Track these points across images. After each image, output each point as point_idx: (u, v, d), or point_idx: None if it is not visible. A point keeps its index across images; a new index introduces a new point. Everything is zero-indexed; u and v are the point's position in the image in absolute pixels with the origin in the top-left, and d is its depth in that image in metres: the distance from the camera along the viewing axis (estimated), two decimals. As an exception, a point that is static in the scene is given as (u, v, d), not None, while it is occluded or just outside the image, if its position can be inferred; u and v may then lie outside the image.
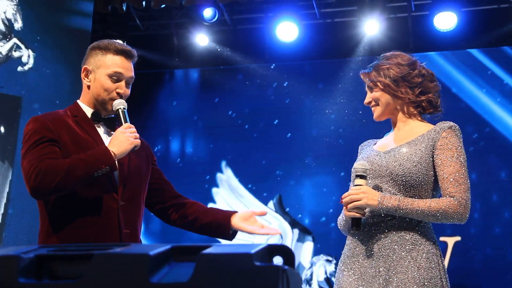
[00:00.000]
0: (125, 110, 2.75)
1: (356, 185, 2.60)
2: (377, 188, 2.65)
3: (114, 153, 2.60)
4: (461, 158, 2.63)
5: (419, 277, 2.52)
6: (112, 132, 2.82)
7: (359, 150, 2.96)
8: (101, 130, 2.83)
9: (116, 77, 2.79)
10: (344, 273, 2.67)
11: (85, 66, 2.85)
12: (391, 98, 2.77)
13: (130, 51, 2.89)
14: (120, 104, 2.76)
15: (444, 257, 4.11)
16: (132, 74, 2.86)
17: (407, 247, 2.58)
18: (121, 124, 2.72)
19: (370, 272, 2.59)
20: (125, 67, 2.83)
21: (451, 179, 2.59)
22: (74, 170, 2.56)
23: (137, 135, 2.69)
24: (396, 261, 2.57)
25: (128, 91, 2.85)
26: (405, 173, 2.61)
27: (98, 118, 2.83)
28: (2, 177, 5.77)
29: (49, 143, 2.65)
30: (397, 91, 2.75)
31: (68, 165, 2.56)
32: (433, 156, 2.64)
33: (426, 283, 2.52)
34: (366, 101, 2.84)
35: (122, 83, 2.80)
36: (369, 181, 2.67)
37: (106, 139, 2.79)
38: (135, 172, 2.82)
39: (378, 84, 2.77)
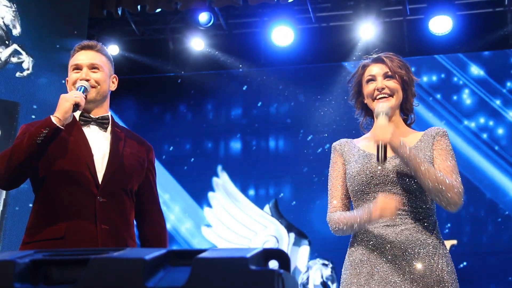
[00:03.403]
0: (82, 88, 2.80)
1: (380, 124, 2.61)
2: (391, 193, 2.61)
3: (56, 117, 2.64)
4: (454, 160, 2.68)
5: (443, 280, 2.54)
6: (103, 131, 2.91)
7: (337, 149, 2.85)
8: (91, 130, 2.90)
9: (76, 68, 2.93)
10: (359, 277, 2.63)
11: (67, 78, 3.00)
12: (402, 95, 2.77)
13: (87, 43, 3.00)
14: (80, 83, 2.84)
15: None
16: (93, 61, 2.94)
17: (430, 251, 2.59)
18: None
19: (393, 276, 2.57)
20: (83, 57, 2.94)
21: (449, 170, 2.61)
22: (20, 144, 2.66)
23: (80, 96, 2.72)
24: (421, 265, 2.57)
25: (97, 75, 2.92)
26: None
27: (89, 118, 2.90)
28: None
29: None
30: (409, 90, 2.79)
31: (14, 144, 2.69)
32: (432, 158, 2.67)
33: (449, 286, 2.55)
34: (379, 85, 2.73)
35: (84, 69, 2.91)
36: (376, 187, 2.65)
37: (95, 138, 2.87)
38: (123, 170, 2.86)
39: (403, 76, 2.76)
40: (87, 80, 2.87)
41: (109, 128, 2.93)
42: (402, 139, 2.56)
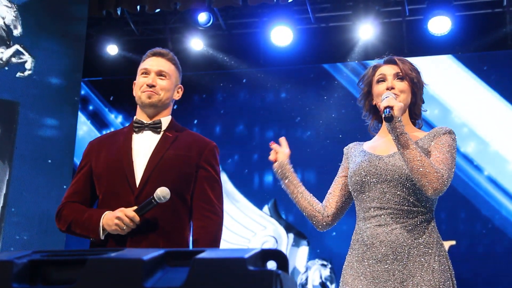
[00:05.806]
0: (155, 203, 2.73)
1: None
2: (383, 192, 2.64)
3: (103, 226, 2.77)
4: (452, 156, 2.64)
5: (433, 280, 2.53)
6: (156, 135, 2.95)
7: (344, 153, 2.95)
8: (143, 136, 2.96)
9: (144, 73, 3.02)
10: (354, 277, 2.66)
11: (134, 81, 3.10)
12: (410, 98, 2.79)
13: (159, 50, 3.08)
14: (161, 193, 2.74)
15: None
16: (160, 67, 3.01)
17: (421, 251, 2.59)
18: (145, 208, 2.75)
19: (384, 276, 2.58)
20: (152, 63, 3.03)
21: (439, 160, 2.58)
22: (74, 227, 2.87)
23: (129, 227, 2.72)
24: (411, 264, 2.57)
25: (163, 82, 3.01)
26: None
27: (143, 124, 2.99)
28: (1, 176, 5.77)
29: (80, 172, 2.97)
30: (418, 94, 2.82)
31: (70, 221, 2.87)
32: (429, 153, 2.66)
33: (440, 286, 2.53)
34: (389, 85, 2.76)
35: (151, 75, 2.99)
36: (370, 186, 2.67)
37: (143, 145, 2.91)
38: (163, 174, 2.84)
39: (413, 78, 2.79)
40: (153, 86, 2.95)
41: (161, 133, 2.97)
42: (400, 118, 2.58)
